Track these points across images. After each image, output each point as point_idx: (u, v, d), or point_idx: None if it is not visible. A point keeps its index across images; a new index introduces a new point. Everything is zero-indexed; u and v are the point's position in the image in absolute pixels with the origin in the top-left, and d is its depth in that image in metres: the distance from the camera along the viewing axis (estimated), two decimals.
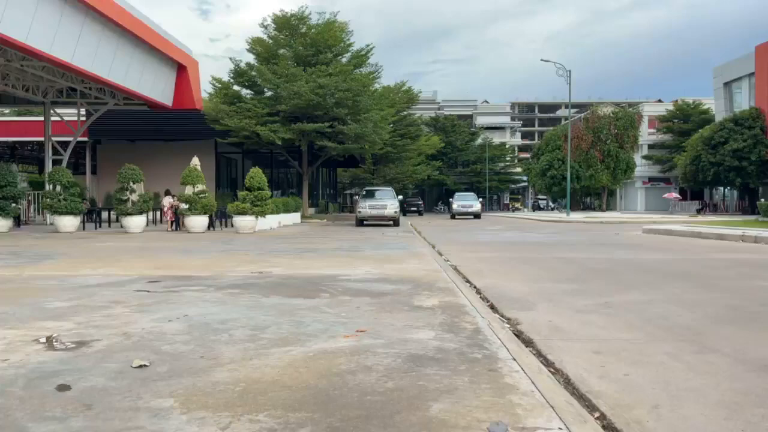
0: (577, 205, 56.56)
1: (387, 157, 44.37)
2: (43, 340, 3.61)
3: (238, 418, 2.30)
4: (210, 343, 3.53)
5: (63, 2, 16.37)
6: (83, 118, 24.68)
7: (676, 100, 59.47)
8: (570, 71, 34.99)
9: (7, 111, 39.57)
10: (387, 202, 23.07)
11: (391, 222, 22.77)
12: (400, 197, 26.80)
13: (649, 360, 3.49)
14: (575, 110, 68.74)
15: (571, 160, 40.47)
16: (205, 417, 2.32)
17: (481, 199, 37.72)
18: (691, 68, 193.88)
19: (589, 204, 62.89)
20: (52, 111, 23.67)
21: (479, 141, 69.61)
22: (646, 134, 57.77)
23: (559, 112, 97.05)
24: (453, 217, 35.05)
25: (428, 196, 67.39)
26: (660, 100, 68.03)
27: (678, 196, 50.35)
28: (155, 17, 21.87)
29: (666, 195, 51.06)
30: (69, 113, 25.66)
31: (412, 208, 46.14)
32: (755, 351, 3.70)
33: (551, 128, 68.36)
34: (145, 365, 3.05)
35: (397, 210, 23.12)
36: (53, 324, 4.08)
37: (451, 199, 37.50)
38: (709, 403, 2.76)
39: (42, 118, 24.55)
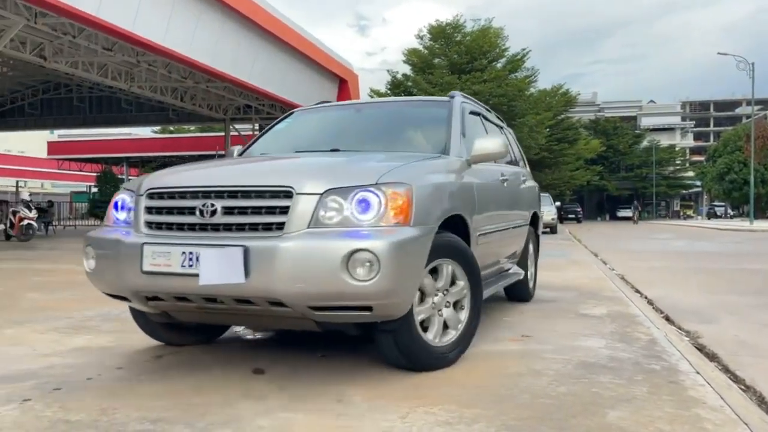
0: (762, 212, 50.55)
1: (543, 162, 42.99)
2: None
3: (414, 409, 2.43)
4: None
5: (244, 30, 18.08)
6: (257, 132, 26.99)
7: None
8: (753, 63, 31.50)
9: (192, 128, 44.38)
10: (543, 209, 22.40)
11: (548, 229, 22.08)
12: (557, 204, 25.90)
13: None
14: (759, 107, 61.59)
15: (755, 162, 36.34)
16: (385, 405, 2.48)
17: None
18: None
19: None
20: (231, 127, 26.18)
21: (645, 143, 64.92)
22: None
23: (739, 110, 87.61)
24: None
25: (587, 203, 64.12)
26: None
27: None
28: (317, 34, 23.42)
29: None
30: (244, 128, 28.19)
31: (570, 215, 44.25)
32: None
33: (730, 128, 61.98)
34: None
35: (555, 217, 22.38)
36: None
37: None
38: None
39: (222, 134, 27.21)
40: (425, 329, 3.01)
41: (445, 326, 3.12)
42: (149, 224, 2.91)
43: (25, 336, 3.87)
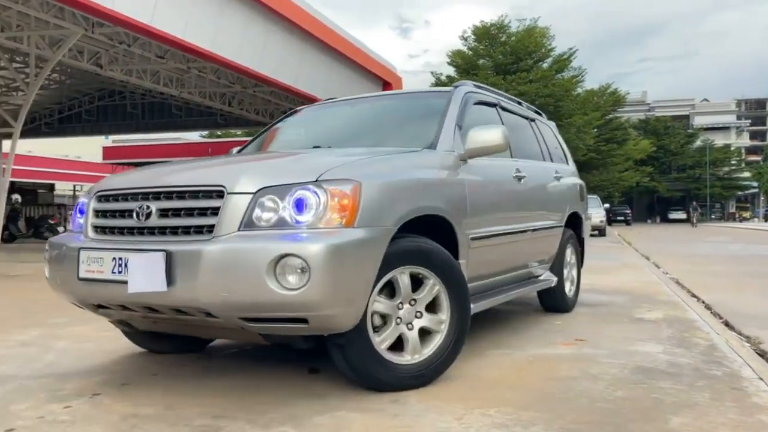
0: None
1: (590, 163, 42.17)
2: None
3: (470, 411, 2.44)
4: None
5: (289, 35, 18.37)
6: None
7: None
8: None
9: (239, 132, 45.23)
10: (591, 211, 21.95)
11: (597, 232, 21.64)
12: (606, 206, 25.36)
13: None
14: None
15: None
16: (440, 406, 2.49)
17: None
18: None
19: None
20: None
21: (698, 143, 62.91)
22: None
23: None
24: None
25: (637, 205, 62.48)
26: None
27: None
28: (360, 37, 23.65)
29: None
30: None
31: (619, 218, 43.29)
32: None
33: None
34: None
35: (603, 219, 21.92)
36: None
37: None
38: None
39: None
40: (388, 345, 2.71)
41: (416, 341, 2.79)
42: (95, 228, 2.81)
43: (91, 333, 4.05)
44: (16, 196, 17.20)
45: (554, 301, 4.85)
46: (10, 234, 16.11)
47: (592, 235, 21.22)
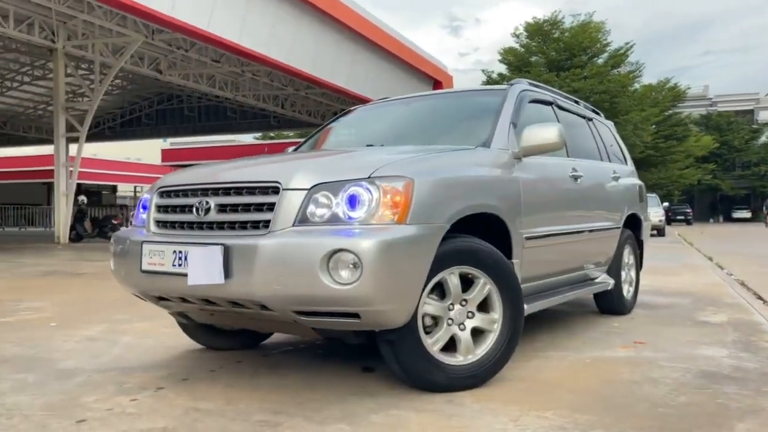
0: None
1: (648, 161, 40.86)
2: None
3: (526, 413, 2.41)
4: None
5: (341, 37, 18.55)
6: None
7: None
8: None
9: (291, 134, 46.04)
10: (650, 210, 21.26)
11: (655, 231, 20.97)
12: (665, 204, 24.55)
13: None
14: None
15: None
16: (496, 407, 2.47)
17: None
18: None
19: None
20: None
21: (763, 139, 60.06)
22: None
23: None
24: None
25: (698, 203, 60.15)
26: None
27: None
28: (410, 36, 23.65)
29: None
30: None
31: (679, 217, 41.81)
32: None
33: None
34: None
35: (662, 219, 21.23)
36: None
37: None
38: None
39: None
40: (441, 346, 2.69)
41: (469, 341, 2.75)
42: (157, 222, 2.92)
43: (154, 330, 4.19)
44: (83, 198, 17.95)
45: (611, 304, 4.72)
46: (77, 234, 16.84)
47: (650, 235, 20.55)
